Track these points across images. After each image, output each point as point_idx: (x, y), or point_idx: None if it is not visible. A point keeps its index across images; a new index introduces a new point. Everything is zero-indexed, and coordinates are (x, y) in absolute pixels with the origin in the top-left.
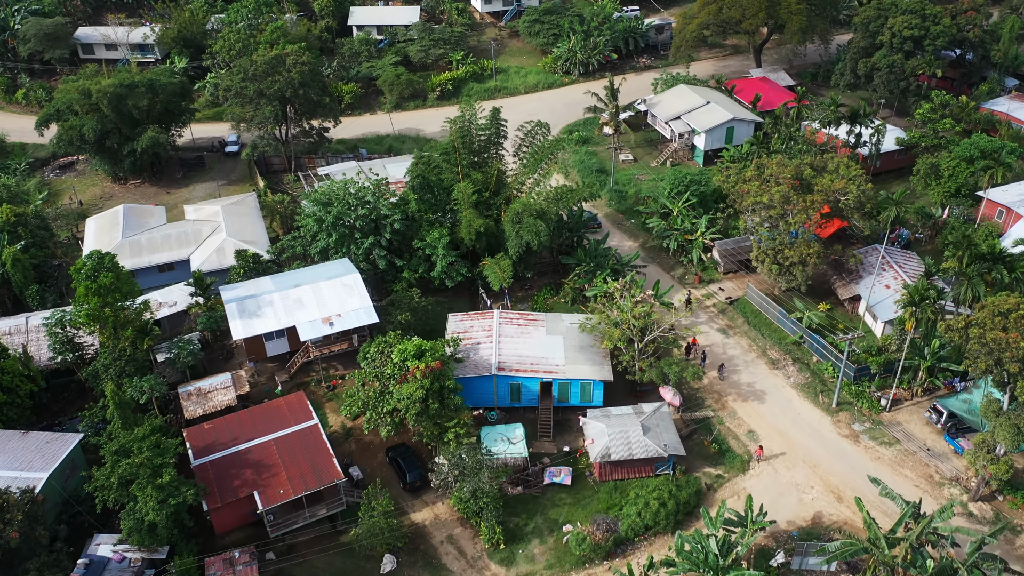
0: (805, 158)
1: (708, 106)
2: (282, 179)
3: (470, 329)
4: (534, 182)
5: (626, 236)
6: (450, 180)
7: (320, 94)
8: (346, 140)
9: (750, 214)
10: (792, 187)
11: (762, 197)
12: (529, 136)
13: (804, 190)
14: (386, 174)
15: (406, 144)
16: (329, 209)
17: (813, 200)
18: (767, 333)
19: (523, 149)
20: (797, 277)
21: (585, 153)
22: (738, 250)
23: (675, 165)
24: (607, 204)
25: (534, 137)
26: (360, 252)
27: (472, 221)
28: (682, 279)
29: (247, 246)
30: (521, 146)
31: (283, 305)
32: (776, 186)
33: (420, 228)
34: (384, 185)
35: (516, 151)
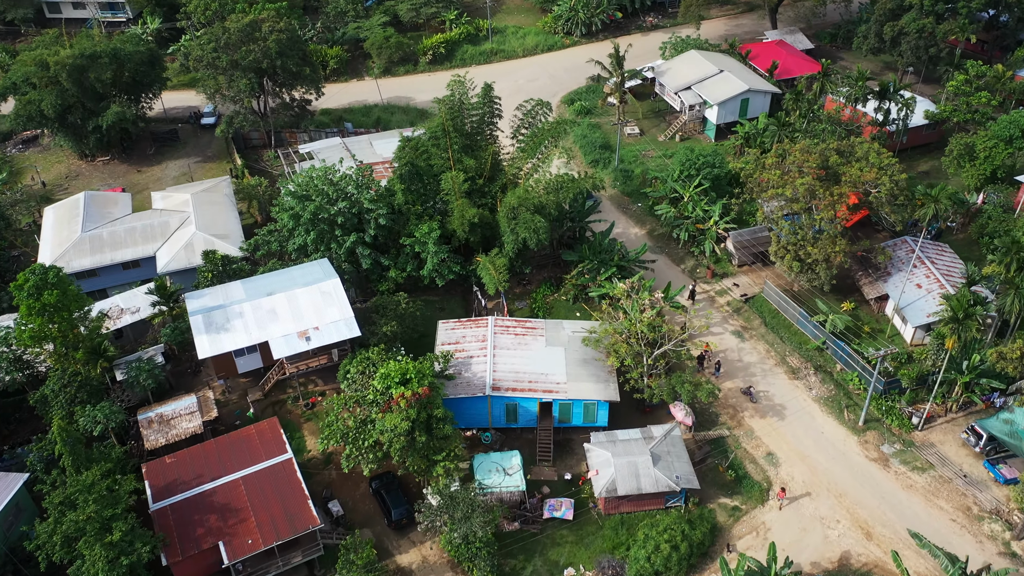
0: (830, 142)
1: (721, 75)
2: (261, 155)
3: (462, 340)
4: (532, 167)
5: (632, 222)
6: (440, 166)
7: (300, 64)
8: (331, 111)
9: (768, 202)
10: (817, 177)
11: (784, 190)
12: (528, 116)
13: (830, 179)
14: (372, 152)
15: (395, 116)
16: (306, 204)
17: (841, 192)
18: (786, 336)
19: (522, 131)
20: (820, 276)
21: (588, 126)
22: (754, 242)
23: (685, 139)
24: (612, 185)
25: (533, 117)
26: (342, 252)
27: (465, 212)
28: (693, 272)
29: (218, 241)
30: (520, 127)
31: (255, 317)
32: (800, 177)
33: (408, 222)
34: (368, 175)
35: (514, 133)
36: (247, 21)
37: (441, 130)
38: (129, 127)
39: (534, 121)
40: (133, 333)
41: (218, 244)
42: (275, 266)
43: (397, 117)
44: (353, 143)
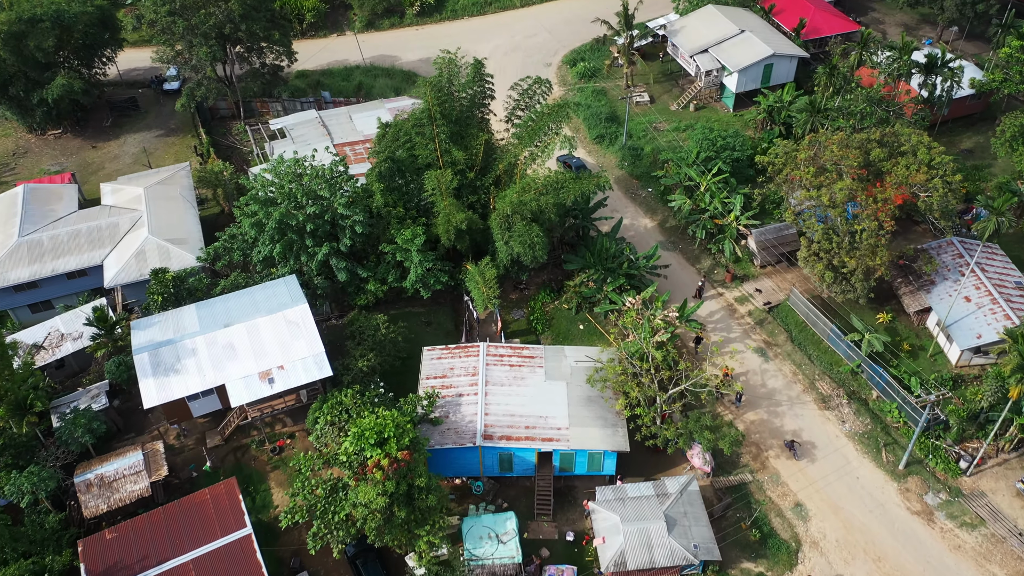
0: (872, 131)
1: (742, 36)
2: (230, 128)
3: (450, 372)
4: (530, 155)
5: (641, 211)
6: (425, 157)
7: (268, 27)
8: (308, 73)
9: (796, 198)
10: (859, 177)
11: (821, 196)
12: (525, 96)
13: (872, 177)
14: (352, 128)
15: (378, 81)
16: (271, 209)
17: (886, 198)
18: (816, 355)
19: (517, 113)
20: (856, 289)
21: (593, 93)
22: (779, 241)
23: (700, 108)
24: (618, 165)
25: (531, 98)
26: (313, 265)
27: (452, 216)
28: (710, 273)
29: (174, 248)
30: (515, 109)
31: (210, 354)
32: (839, 180)
33: (388, 226)
34: (341, 172)
35: (509, 116)
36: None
37: (427, 116)
38: (80, 98)
39: (531, 102)
40: (77, 362)
41: (173, 252)
42: (237, 280)
43: (381, 82)
44: (330, 117)
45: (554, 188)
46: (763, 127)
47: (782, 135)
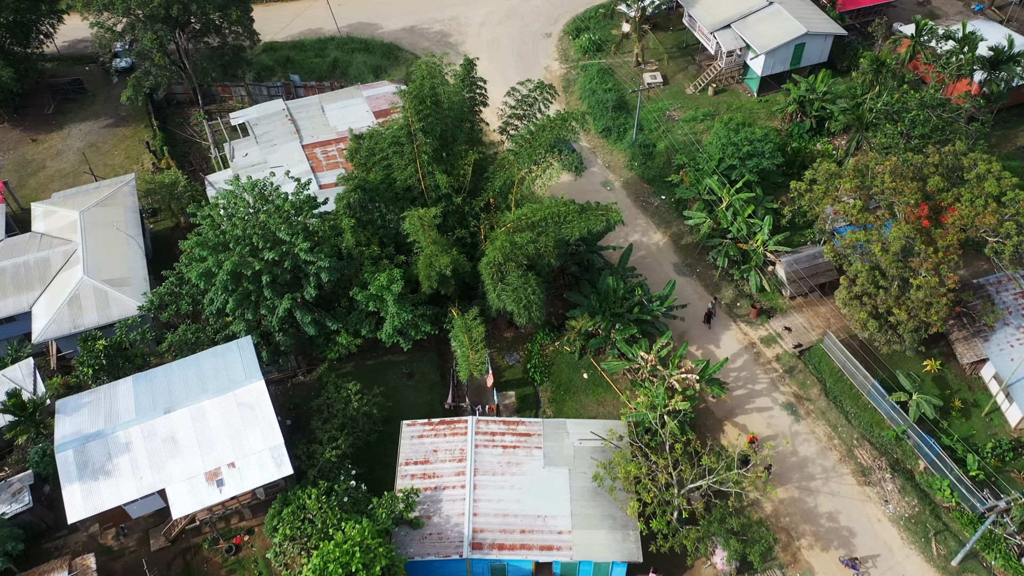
0: (929, 151)
1: (770, 9)
2: (188, 116)
3: (432, 457)
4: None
5: (652, 223)
6: (405, 180)
7: (224, 6)
8: (277, 46)
9: (833, 215)
10: (916, 217)
11: (870, 241)
12: (523, 104)
13: (931, 211)
14: (323, 123)
15: (356, 57)
16: (221, 257)
17: (949, 244)
18: (854, 413)
19: (514, 121)
20: (905, 341)
21: (598, 74)
22: (813, 271)
23: (719, 92)
24: (627, 165)
25: (530, 106)
26: (274, 320)
27: (435, 260)
28: (732, 307)
29: (114, 292)
30: (511, 118)
31: (147, 450)
32: (889, 215)
33: (361, 269)
34: (305, 202)
35: (504, 127)
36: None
37: (405, 134)
38: (13, 86)
39: (531, 111)
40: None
41: (113, 297)
42: (186, 336)
43: (358, 59)
44: (299, 109)
45: (555, 222)
46: (792, 119)
47: (813, 129)
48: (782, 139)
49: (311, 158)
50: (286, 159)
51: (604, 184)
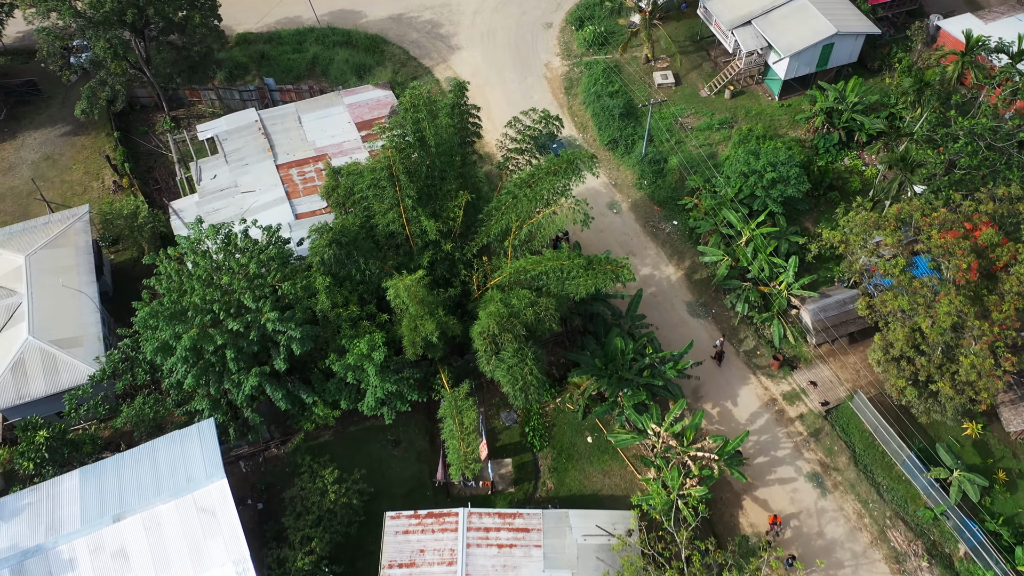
0: (982, 199)
1: (795, 4)
2: (153, 124)
3: (419, 558)
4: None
5: (664, 253)
6: (387, 226)
7: (186, 8)
8: (251, 38)
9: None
10: (967, 282)
11: (917, 315)
12: (525, 138)
13: (982, 273)
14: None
15: (337, 53)
16: (179, 329)
17: (1007, 317)
18: (887, 487)
19: (514, 158)
20: (947, 412)
21: (603, 73)
22: (842, 318)
23: (737, 95)
24: (636, 184)
25: (531, 141)
26: (242, 397)
27: (420, 325)
28: (752, 356)
29: (63, 355)
30: (511, 154)
31: (93, 568)
32: (937, 281)
33: (338, 333)
34: (272, 258)
35: (504, 161)
36: None
37: (387, 176)
38: None
39: (530, 145)
40: None
41: (62, 361)
42: (143, 411)
43: (340, 55)
44: (274, 120)
45: (556, 277)
46: (817, 133)
47: (842, 142)
48: (806, 154)
49: (286, 181)
50: (259, 182)
51: (610, 206)
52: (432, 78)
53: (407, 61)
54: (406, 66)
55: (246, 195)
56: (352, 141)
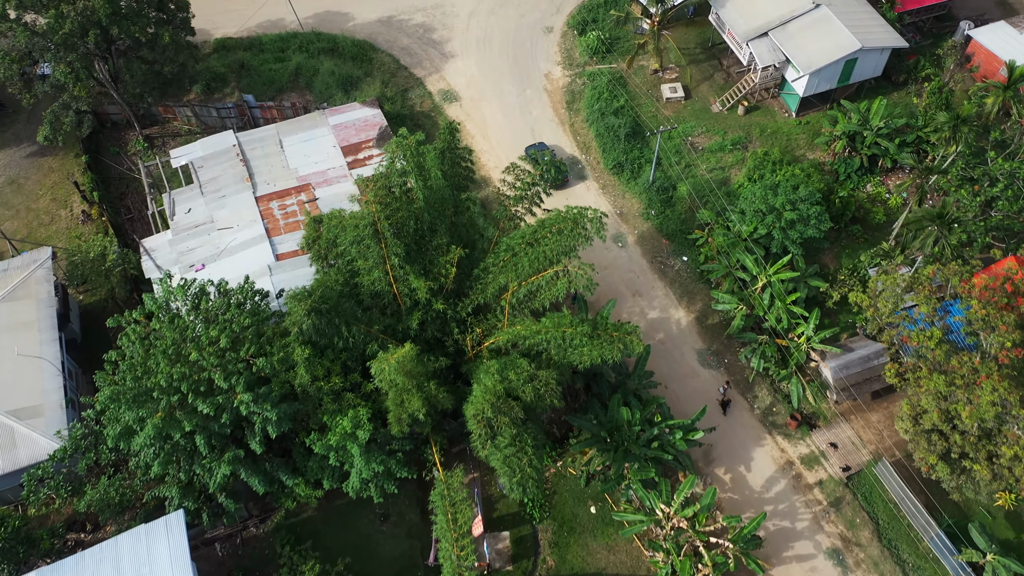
0: None
1: (817, 14)
2: (125, 144)
3: None
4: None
5: (672, 293)
6: (372, 285)
7: (156, 25)
8: (230, 44)
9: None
10: (1011, 362)
11: (957, 405)
12: (523, 188)
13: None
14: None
15: (322, 63)
16: (142, 413)
17: None
18: (913, 566)
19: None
20: (981, 491)
21: (607, 86)
22: (865, 374)
23: (751, 110)
24: (642, 214)
25: (529, 188)
26: (214, 485)
27: (407, 400)
28: (767, 414)
29: (20, 427)
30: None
31: None
32: (986, 380)
33: (319, 409)
34: (246, 329)
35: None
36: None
37: (370, 233)
38: None
39: (529, 194)
40: None
41: (20, 435)
42: (108, 495)
43: (325, 65)
44: (253, 144)
45: (558, 346)
46: (838, 158)
47: (864, 167)
48: (826, 181)
49: (266, 216)
50: (236, 216)
51: (616, 239)
52: (424, 90)
53: (397, 71)
54: (396, 76)
55: (223, 232)
56: (337, 168)
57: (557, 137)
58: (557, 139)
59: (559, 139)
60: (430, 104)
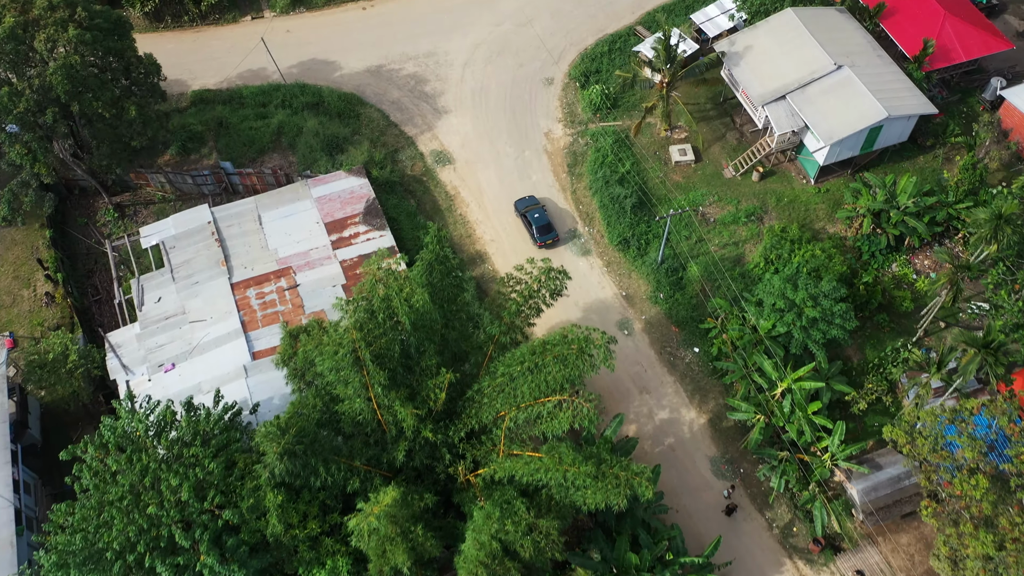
0: None
1: (839, 77)
2: (95, 211)
3: None
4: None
5: (684, 390)
6: (354, 415)
7: (120, 98)
8: (208, 97)
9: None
10: None
11: (1009, 571)
12: (523, 302)
13: None
14: (260, 244)
15: (307, 120)
16: (94, 569)
17: None
18: None
19: (509, 322)
20: None
21: (612, 148)
22: (895, 496)
23: (767, 175)
24: (650, 298)
25: (526, 300)
26: None
27: (390, 552)
28: (786, 535)
29: None
30: (505, 319)
31: None
32: None
33: (295, 553)
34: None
35: (492, 328)
36: (7, 25)
37: (350, 362)
38: None
39: (527, 305)
40: None
41: None
42: None
43: (310, 125)
44: (230, 221)
45: (559, 485)
46: (860, 231)
47: (890, 247)
48: (848, 262)
49: (243, 306)
50: (210, 307)
51: (621, 324)
52: (415, 151)
53: (386, 128)
54: (385, 134)
55: (195, 325)
56: (321, 248)
57: (558, 205)
58: (558, 208)
59: (560, 208)
60: (422, 167)
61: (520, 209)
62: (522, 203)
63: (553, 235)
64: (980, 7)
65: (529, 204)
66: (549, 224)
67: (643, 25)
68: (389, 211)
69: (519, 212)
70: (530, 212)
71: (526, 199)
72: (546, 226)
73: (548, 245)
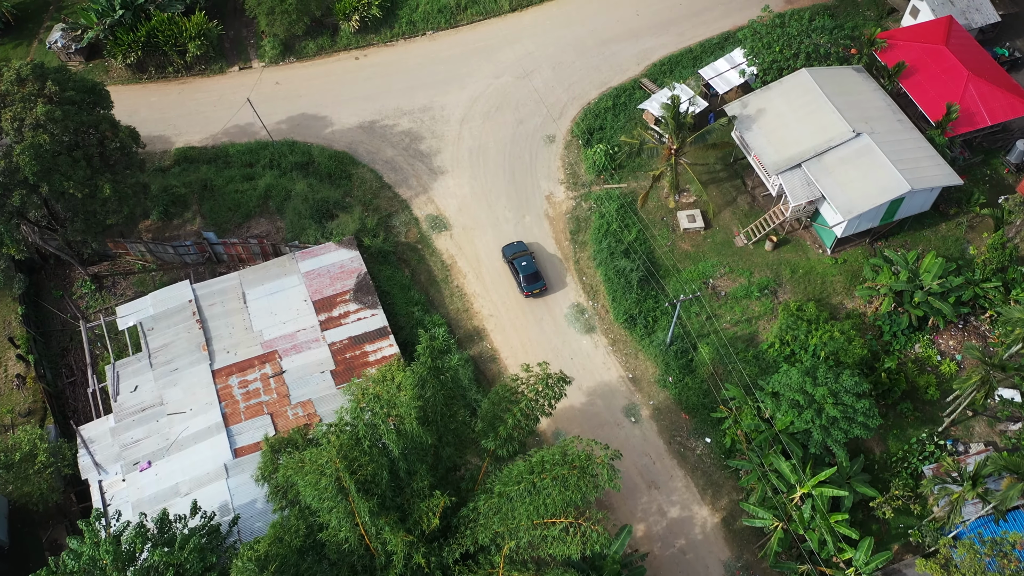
0: None
1: (858, 145)
2: (71, 283)
3: None
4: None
5: (695, 484)
6: (339, 543)
7: (94, 175)
8: (192, 155)
9: None
10: None
11: None
12: (520, 415)
13: None
14: (244, 325)
15: (296, 185)
16: None
17: None
18: None
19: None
20: None
21: (617, 214)
22: None
23: (780, 244)
24: (658, 381)
25: (526, 416)
26: None
27: None
28: None
29: None
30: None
31: None
32: None
33: None
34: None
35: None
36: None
37: (333, 492)
38: None
39: (526, 421)
40: None
41: None
42: None
43: (299, 189)
44: (212, 300)
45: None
46: (880, 309)
47: (912, 327)
48: (870, 344)
49: (224, 397)
50: (190, 397)
51: (627, 411)
52: (410, 215)
53: (380, 190)
54: (378, 197)
55: (173, 417)
56: (308, 330)
57: (560, 277)
58: (560, 279)
59: (563, 279)
60: (416, 234)
61: (508, 256)
62: (510, 249)
63: (541, 284)
64: (1002, 60)
65: (517, 251)
66: (537, 273)
67: (649, 77)
68: (382, 284)
69: (506, 259)
70: (517, 259)
71: (514, 244)
72: (534, 275)
73: (536, 294)
